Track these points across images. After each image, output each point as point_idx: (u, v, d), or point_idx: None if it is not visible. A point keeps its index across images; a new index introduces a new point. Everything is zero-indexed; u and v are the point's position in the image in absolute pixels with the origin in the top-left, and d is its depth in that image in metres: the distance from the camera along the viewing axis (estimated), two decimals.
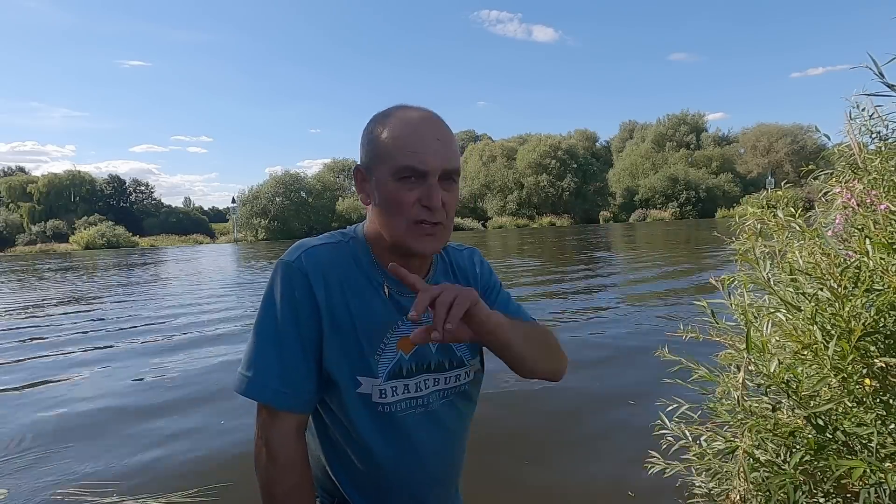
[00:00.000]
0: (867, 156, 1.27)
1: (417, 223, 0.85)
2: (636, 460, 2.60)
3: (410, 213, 0.85)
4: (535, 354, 0.93)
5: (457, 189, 0.89)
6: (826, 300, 1.02)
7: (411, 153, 0.83)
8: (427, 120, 0.87)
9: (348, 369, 0.90)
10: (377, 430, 0.93)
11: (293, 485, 0.88)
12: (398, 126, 0.86)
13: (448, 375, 0.97)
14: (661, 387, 1.25)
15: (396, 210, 0.86)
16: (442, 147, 0.85)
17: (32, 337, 6.72)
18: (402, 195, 0.84)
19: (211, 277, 14.09)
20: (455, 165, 0.86)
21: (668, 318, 6.04)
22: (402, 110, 0.89)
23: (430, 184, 0.84)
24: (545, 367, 0.96)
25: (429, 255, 0.93)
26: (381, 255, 0.93)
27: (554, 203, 54.58)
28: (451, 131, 0.89)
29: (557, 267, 12.57)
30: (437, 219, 0.86)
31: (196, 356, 5.32)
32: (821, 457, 0.98)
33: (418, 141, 0.84)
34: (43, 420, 3.70)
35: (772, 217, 1.29)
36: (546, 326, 1.02)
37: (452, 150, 0.87)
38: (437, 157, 0.84)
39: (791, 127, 56.43)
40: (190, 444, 3.15)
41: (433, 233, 0.87)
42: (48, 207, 52.88)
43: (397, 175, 0.84)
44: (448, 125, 0.90)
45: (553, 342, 0.99)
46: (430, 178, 0.84)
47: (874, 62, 1.07)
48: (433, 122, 0.87)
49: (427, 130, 0.85)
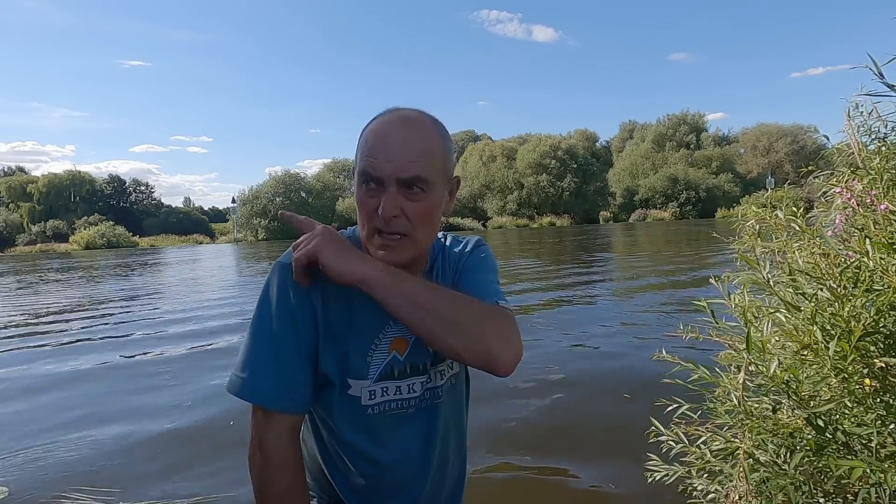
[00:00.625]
0: (867, 155, 1.27)
1: (376, 232, 0.83)
2: (636, 461, 2.60)
3: (371, 221, 0.83)
4: (428, 325, 0.79)
5: (428, 198, 0.83)
6: (826, 300, 1.02)
7: (368, 158, 0.81)
8: (397, 123, 0.83)
9: (339, 371, 0.90)
10: (367, 432, 0.93)
11: (286, 485, 0.88)
12: (371, 129, 0.84)
13: (441, 371, 0.97)
14: (661, 387, 1.25)
15: (362, 216, 0.85)
16: (402, 153, 0.80)
17: (40, 339, 6.72)
18: (364, 201, 0.83)
19: (226, 279, 14.08)
20: (414, 173, 0.80)
21: (667, 319, 6.03)
22: (386, 113, 0.86)
23: (386, 192, 0.81)
24: (441, 343, 0.80)
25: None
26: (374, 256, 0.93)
27: (554, 203, 54.56)
28: (426, 134, 0.83)
29: (557, 266, 12.57)
30: (394, 229, 0.82)
31: (206, 360, 5.32)
32: (821, 457, 0.98)
33: (378, 146, 0.81)
34: (49, 419, 3.69)
35: (772, 217, 1.29)
36: (499, 308, 0.87)
37: (417, 155, 0.80)
38: (392, 163, 0.79)
39: (791, 127, 56.46)
40: (198, 448, 3.13)
41: (390, 245, 0.83)
42: (48, 207, 52.90)
43: (360, 180, 0.83)
44: (430, 127, 0.85)
45: (470, 320, 0.80)
46: (386, 185, 0.81)
47: (874, 62, 1.07)
48: (402, 124, 0.82)
49: (392, 135, 0.81)
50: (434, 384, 0.97)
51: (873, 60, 1.07)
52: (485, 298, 0.89)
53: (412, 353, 0.93)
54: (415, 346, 0.93)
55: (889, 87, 1.09)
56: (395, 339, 0.92)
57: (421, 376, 0.95)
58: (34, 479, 2.81)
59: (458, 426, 1.04)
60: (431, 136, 0.84)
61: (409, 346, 0.93)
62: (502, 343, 0.80)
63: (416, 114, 0.86)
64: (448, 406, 1.00)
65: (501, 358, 0.79)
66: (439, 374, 0.97)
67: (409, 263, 0.88)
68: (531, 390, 3.80)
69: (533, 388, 3.86)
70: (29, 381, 4.69)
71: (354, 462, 0.94)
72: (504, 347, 0.80)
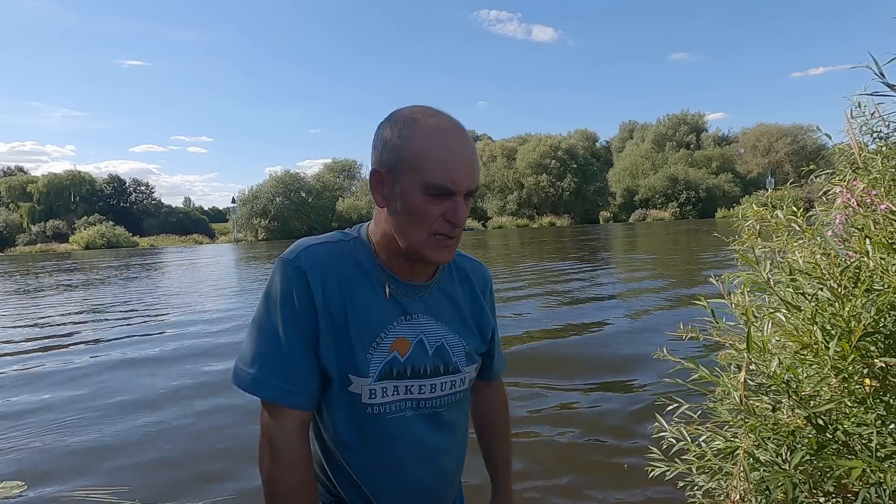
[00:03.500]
0: (868, 155, 1.27)
1: (437, 235, 0.87)
2: (636, 461, 2.60)
3: (433, 226, 0.86)
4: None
5: (471, 202, 0.91)
6: (826, 300, 1.02)
7: (443, 172, 0.83)
8: (458, 135, 0.86)
9: (340, 367, 0.90)
10: (366, 431, 0.93)
11: (296, 482, 0.88)
12: (429, 137, 0.84)
13: (443, 381, 0.97)
14: (661, 386, 1.25)
15: (419, 221, 0.86)
16: (471, 166, 0.86)
17: (48, 339, 6.72)
18: (428, 208, 0.85)
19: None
20: (477, 185, 0.88)
21: (667, 318, 6.04)
22: (430, 117, 0.86)
23: (456, 201, 0.85)
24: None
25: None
26: (385, 256, 0.93)
27: (554, 203, 54.60)
28: (474, 145, 0.90)
29: (557, 266, 12.58)
30: (458, 234, 0.88)
31: (228, 362, 5.32)
32: (821, 457, 0.98)
33: (451, 159, 0.84)
34: (66, 415, 3.71)
35: (772, 217, 1.29)
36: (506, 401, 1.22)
37: (478, 168, 0.89)
38: (467, 177, 0.85)
39: (791, 127, 56.46)
40: (213, 446, 3.13)
41: (450, 245, 0.89)
42: (48, 207, 52.92)
43: (427, 190, 0.84)
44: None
45: (507, 417, 1.23)
46: (457, 196, 0.85)
47: (875, 62, 1.07)
48: (463, 138, 0.87)
49: (460, 148, 0.85)
50: (437, 392, 0.96)
51: (874, 60, 1.07)
52: (501, 369, 1.17)
53: (413, 356, 0.93)
54: (417, 350, 0.93)
55: (890, 86, 1.09)
56: (397, 339, 0.92)
57: (422, 380, 0.94)
58: (50, 473, 2.82)
59: (458, 437, 1.03)
60: (475, 147, 0.91)
61: (410, 348, 0.93)
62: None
63: (457, 122, 0.89)
64: (449, 415, 1.00)
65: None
66: (443, 384, 0.97)
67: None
68: (530, 389, 3.81)
69: (532, 387, 3.86)
70: (43, 377, 4.70)
71: (354, 461, 0.94)
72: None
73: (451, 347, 0.97)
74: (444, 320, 0.97)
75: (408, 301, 0.94)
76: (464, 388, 1.01)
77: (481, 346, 1.04)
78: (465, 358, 0.99)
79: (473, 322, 1.03)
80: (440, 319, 0.97)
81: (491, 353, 1.10)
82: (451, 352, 0.97)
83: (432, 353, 0.95)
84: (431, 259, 0.88)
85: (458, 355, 0.97)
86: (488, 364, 1.11)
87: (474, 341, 1.02)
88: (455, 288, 1.01)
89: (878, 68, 1.07)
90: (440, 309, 0.98)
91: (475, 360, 1.02)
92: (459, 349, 0.98)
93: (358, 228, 0.98)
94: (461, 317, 1.00)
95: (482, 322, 1.04)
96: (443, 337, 0.96)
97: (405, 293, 0.94)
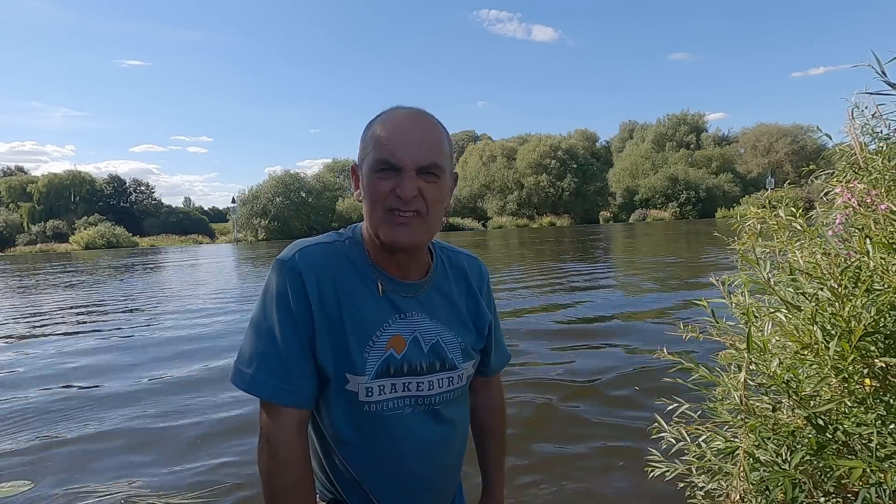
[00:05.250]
0: (868, 155, 1.27)
1: (391, 211, 0.88)
2: (636, 461, 2.60)
3: (385, 202, 0.88)
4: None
5: (441, 184, 0.90)
6: (826, 300, 1.02)
7: (386, 147, 0.87)
8: (409, 117, 0.90)
9: (337, 366, 0.90)
10: (364, 429, 0.93)
11: (294, 480, 0.89)
12: (383, 124, 0.89)
13: (440, 378, 0.97)
14: (660, 386, 1.25)
15: (373, 199, 0.89)
16: (419, 142, 0.87)
17: (64, 336, 6.72)
18: (378, 184, 0.88)
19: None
20: (433, 160, 0.88)
21: (667, 318, 6.04)
22: (392, 111, 0.92)
23: (405, 176, 0.86)
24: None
25: (413, 249, 0.93)
26: (376, 254, 0.95)
27: (554, 203, 54.60)
28: (436, 128, 0.91)
29: (557, 265, 12.58)
30: (412, 208, 0.87)
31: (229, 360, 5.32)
32: (821, 457, 0.98)
33: (396, 136, 0.87)
34: (72, 413, 3.71)
35: (773, 217, 1.29)
36: (503, 402, 1.22)
37: (431, 145, 0.89)
38: (412, 151, 0.87)
39: (791, 127, 56.39)
40: (219, 447, 3.12)
41: (407, 222, 0.88)
42: (48, 207, 52.92)
43: (375, 167, 0.88)
44: (436, 122, 0.93)
45: (504, 420, 1.23)
46: (405, 171, 0.86)
47: (877, 60, 1.06)
48: (415, 119, 0.90)
49: (407, 126, 0.88)
50: (434, 389, 0.96)
51: (877, 59, 1.06)
52: (505, 363, 1.17)
53: (409, 354, 0.93)
54: (412, 347, 0.94)
55: (891, 85, 1.09)
56: (392, 337, 0.93)
57: (419, 377, 0.95)
58: (56, 472, 2.81)
59: (457, 433, 1.04)
60: (440, 129, 0.92)
61: (406, 345, 0.93)
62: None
63: (421, 110, 0.93)
64: (448, 411, 1.00)
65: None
66: (440, 381, 0.97)
67: (420, 246, 0.94)
68: (529, 390, 3.80)
69: (531, 388, 3.86)
70: (48, 378, 4.69)
71: (353, 459, 0.95)
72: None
73: (447, 344, 0.98)
74: (440, 318, 0.98)
75: (402, 300, 0.95)
76: (461, 384, 1.01)
77: (478, 342, 1.04)
78: (462, 354, 0.99)
79: (470, 318, 1.03)
80: (435, 317, 0.98)
81: (488, 348, 1.09)
82: (446, 349, 0.97)
83: (427, 350, 0.95)
84: (390, 238, 0.89)
85: (453, 352, 0.98)
86: (486, 360, 1.11)
87: (470, 337, 1.02)
88: (450, 285, 1.02)
89: (881, 67, 1.07)
90: (435, 306, 0.98)
91: (472, 357, 1.03)
92: (455, 346, 0.98)
93: (352, 228, 1.00)
94: (457, 313, 1.01)
95: (478, 318, 1.05)
96: (438, 334, 0.97)
97: (399, 291, 0.95)
